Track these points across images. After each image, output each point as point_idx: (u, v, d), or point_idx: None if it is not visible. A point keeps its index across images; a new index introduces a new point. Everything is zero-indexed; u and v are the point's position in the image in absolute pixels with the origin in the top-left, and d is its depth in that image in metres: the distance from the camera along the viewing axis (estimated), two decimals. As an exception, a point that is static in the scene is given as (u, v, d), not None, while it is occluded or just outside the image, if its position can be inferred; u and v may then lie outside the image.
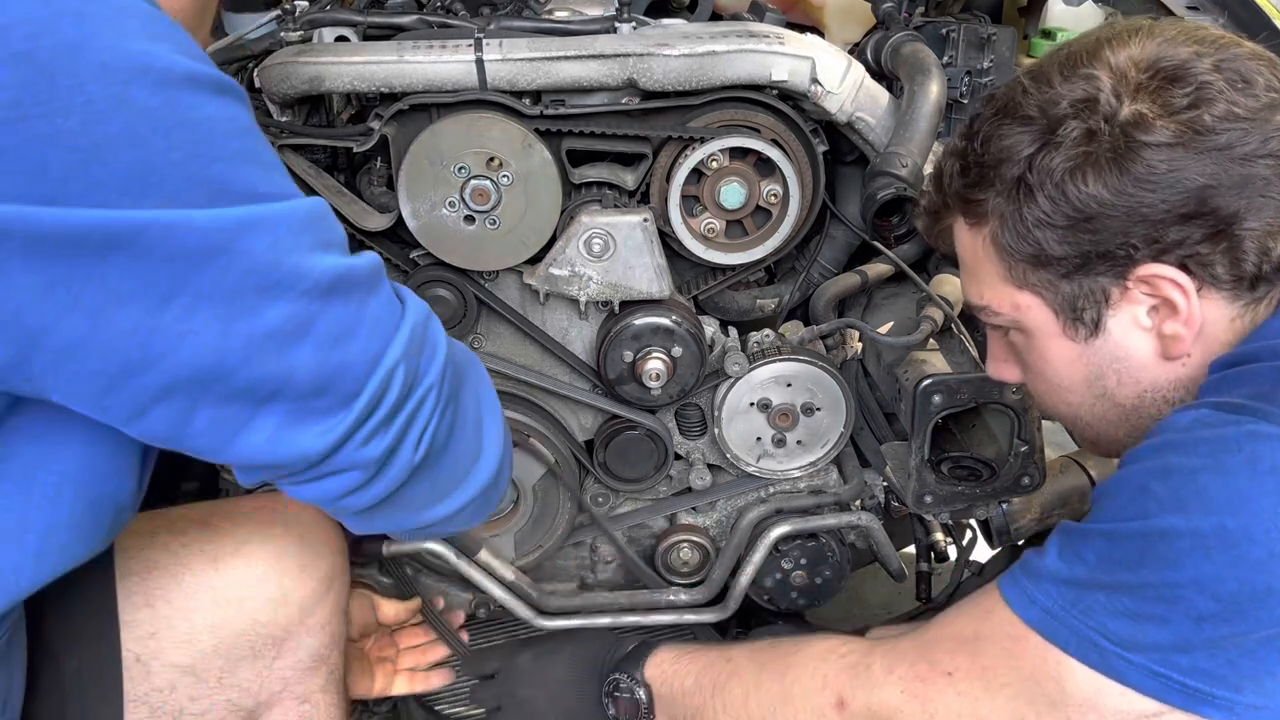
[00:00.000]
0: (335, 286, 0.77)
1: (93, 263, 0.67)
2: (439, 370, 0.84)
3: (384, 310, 0.81)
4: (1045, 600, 0.86)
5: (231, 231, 0.72)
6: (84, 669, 0.95)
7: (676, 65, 1.23)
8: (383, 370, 0.79)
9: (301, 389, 0.76)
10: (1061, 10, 1.52)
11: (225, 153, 0.73)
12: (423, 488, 0.87)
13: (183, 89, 0.70)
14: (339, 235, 0.82)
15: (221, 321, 0.72)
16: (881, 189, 1.19)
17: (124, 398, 0.72)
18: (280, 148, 1.27)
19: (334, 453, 0.79)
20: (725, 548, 1.49)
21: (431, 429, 0.84)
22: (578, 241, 1.29)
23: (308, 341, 0.76)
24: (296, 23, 1.30)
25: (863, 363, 1.47)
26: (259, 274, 0.73)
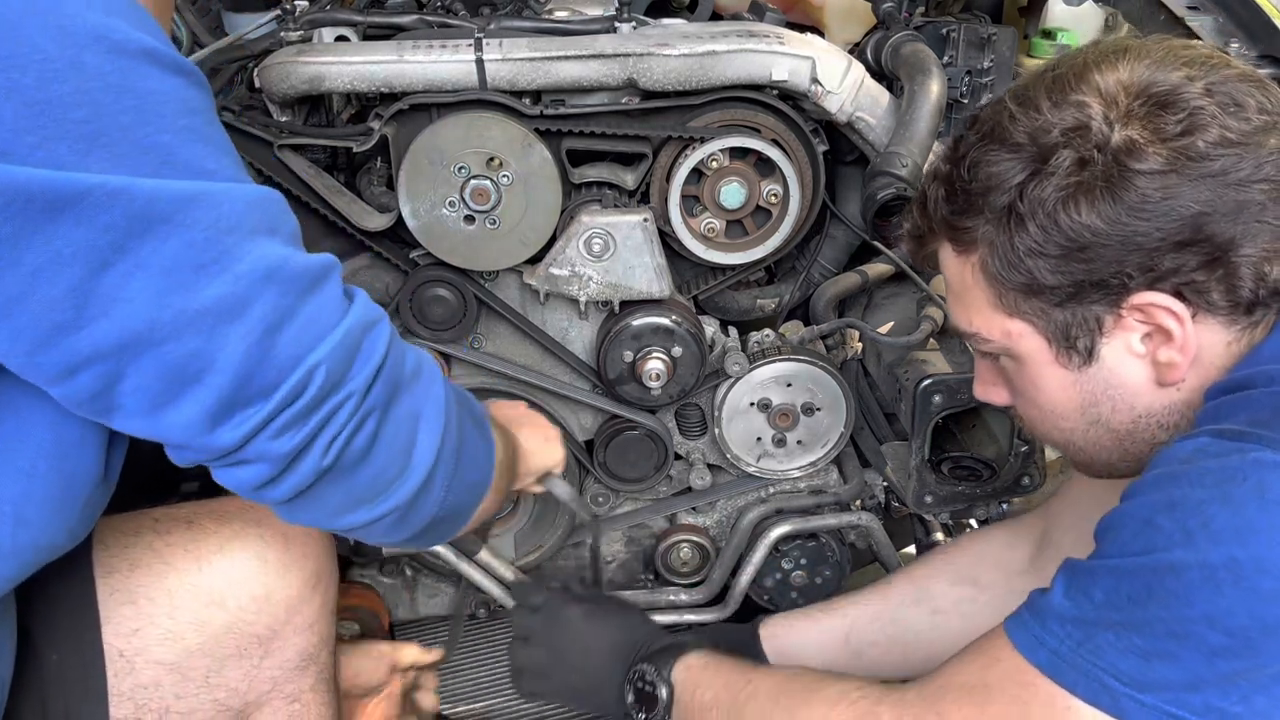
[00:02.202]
0: (273, 275, 0.77)
1: (37, 222, 0.69)
2: (365, 379, 0.83)
3: (323, 310, 0.81)
4: (1053, 641, 0.84)
5: (175, 202, 0.73)
6: (66, 663, 0.95)
7: (676, 65, 1.23)
8: (304, 367, 0.79)
9: (227, 372, 0.76)
10: (1061, 10, 1.52)
11: (174, 127, 0.74)
12: (336, 491, 0.86)
13: (137, 60, 0.73)
14: (289, 225, 0.82)
15: (156, 292, 0.73)
16: (882, 189, 1.19)
17: (54, 357, 0.73)
18: (280, 147, 1.27)
19: (246, 443, 0.79)
20: (725, 548, 1.49)
21: (345, 436, 0.83)
22: (578, 241, 1.29)
23: (238, 325, 0.76)
24: (296, 23, 1.30)
25: (863, 363, 1.47)
26: (198, 249, 0.74)
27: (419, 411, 0.90)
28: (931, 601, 1.25)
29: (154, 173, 0.72)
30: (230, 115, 1.26)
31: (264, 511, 1.06)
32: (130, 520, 1.02)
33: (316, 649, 1.09)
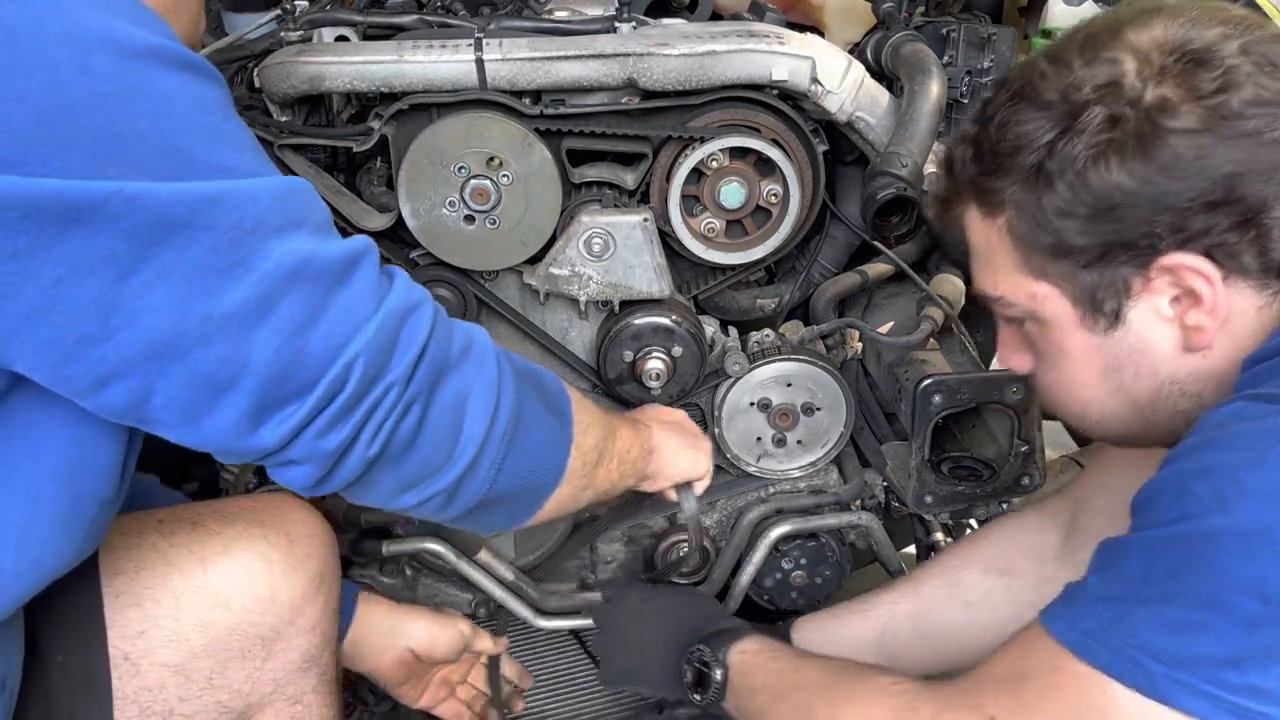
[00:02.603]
0: (300, 271, 0.76)
1: (54, 233, 0.67)
2: (406, 367, 0.82)
3: (356, 300, 0.80)
4: (1086, 623, 0.81)
5: (193, 205, 0.71)
6: (71, 666, 0.95)
7: (676, 65, 1.23)
8: (341, 362, 0.78)
9: (259, 375, 0.75)
10: (1062, 10, 1.52)
11: (190, 125, 0.73)
12: (386, 477, 0.86)
13: (146, 61, 0.71)
14: (317, 214, 0.80)
15: (181, 299, 0.72)
16: (882, 189, 1.19)
17: (82, 369, 0.72)
18: (280, 147, 1.27)
19: (290, 443, 0.79)
20: (725, 548, 1.49)
21: (389, 425, 0.82)
22: (578, 241, 1.28)
23: (266, 326, 0.75)
24: (296, 22, 1.30)
25: (863, 363, 1.47)
26: (221, 252, 0.72)
27: (467, 392, 0.88)
28: (964, 594, 1.24)
29: (172, 175, 0.71)
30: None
31: (268, 512, 1.06)
32: (134, 521, 1.02)
33: (319, 650, 1.09)
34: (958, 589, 1.24)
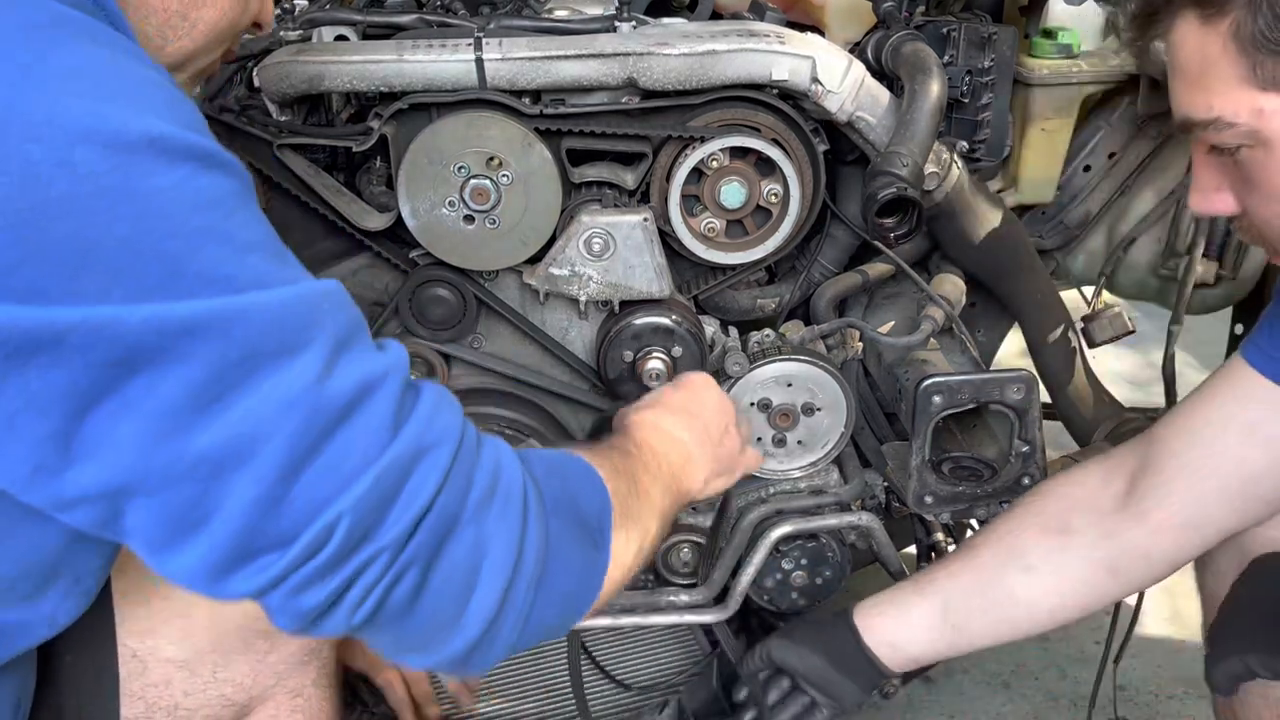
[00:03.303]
0: (294, 407, 0.65)
1: (8, 368, 0.60)
2: (402, 530, 0.69)
3: (355, 444, 0.68)
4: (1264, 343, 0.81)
5: (169, 334, 0.62)
6: (80, 664, 0.94)
7: (676, 64, 1.23)
8: (322, 521, 0.67)
9: (230, 524, 0.65)
10: (1062, 10, 1.52)
11: (184, 229, 0.63)
12: (378, 639, 0.76)
13: (140, 153, 0.62)
14: (332, 329, 0.69)
15: (147, 438, 0.63)
16: (882, 188, 1.19)
17: (41, 497, 0.66)
18: (279, 147, 1.27)
19: (263, 595, 0.69)
20: (725, 548, 1.49)
21: (377, 594, 0.70)
22: (578, 241, 1.28)
23: (246, 471, 0.64)
24: (296, 22, 1.30)
25: (863, 363, 1.47)
26: (198, 388, 0.63)
27: (483, 550, 0.74)
28: (1022, 558, 1.18)
29: (154, 291, 0.61)
30: (230, 115, 1.26)
31: None
32: None
33: (319, 643, 1.09)
34: (1015, 554, 1.18)
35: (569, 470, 0.86)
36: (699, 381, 1.16)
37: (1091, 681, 1.66)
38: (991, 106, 1.44)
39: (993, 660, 2.01)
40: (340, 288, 0.72)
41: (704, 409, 1.11)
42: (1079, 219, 1.61)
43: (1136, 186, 1.60)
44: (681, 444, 1.05)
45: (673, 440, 1.04)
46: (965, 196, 1.38)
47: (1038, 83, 1.48)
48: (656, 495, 0.96)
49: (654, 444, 1.01)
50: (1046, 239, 1.60)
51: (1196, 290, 1.58)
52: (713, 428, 1.11)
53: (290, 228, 1.34)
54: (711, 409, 1.12)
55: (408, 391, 0.73)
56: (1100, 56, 1.52)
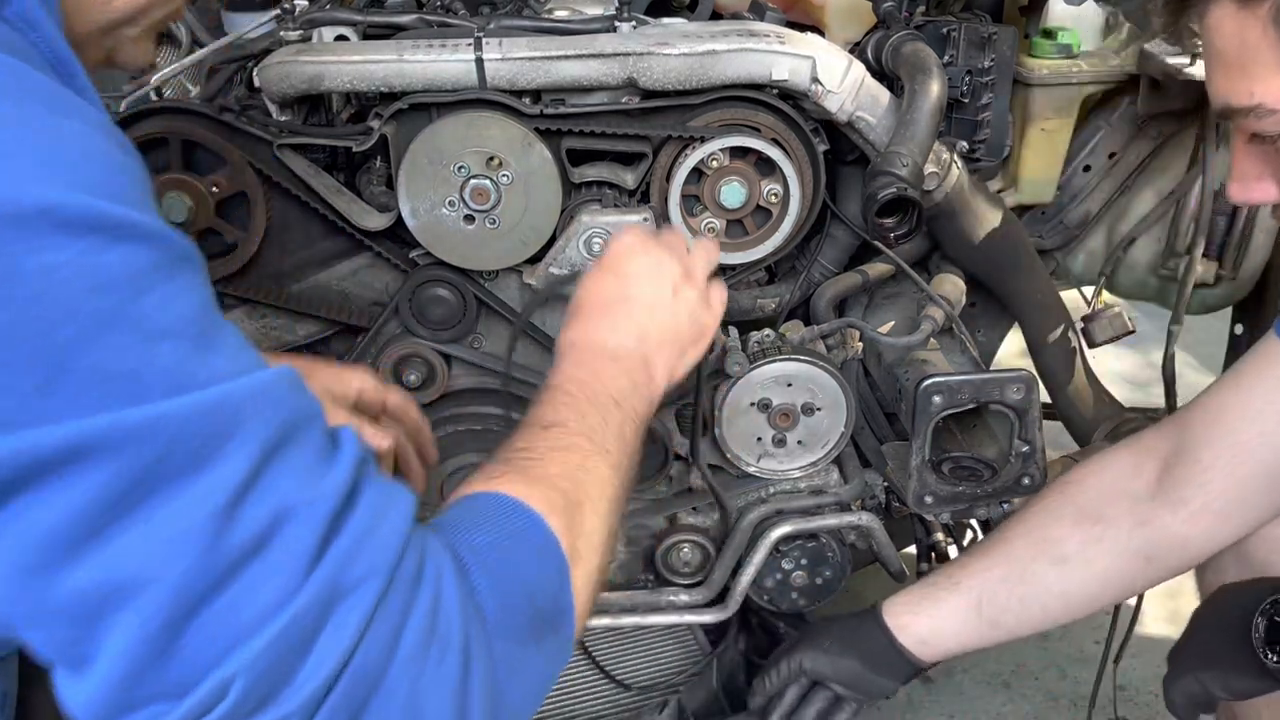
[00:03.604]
0: (187, 544, 0.55)
1: None
2: (314, 690, 0.57)
3: (257, 588, 0.56)
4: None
5: (48, 463, 0.52)
6: None
7: (676, 64, 1.23)
8: (216, 678, 0.56)
9: (113, 669, 0.55)
10: (1062, 10, 1.52)
11: (76, 316, 0.53)
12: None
13: (27, 227, 0.52)
14: (256, 438, 0.58)
15: (14, 570, 0.54)
16: (882, 188, 1.19)
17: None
18: (280, 147, 1.27)
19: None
20: (725, 548, 1.49)
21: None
22: (578, 241, 1.28)
23: (127, 614, 0.54)
24: (296, 22, 1.30)
25: (863, 363, 1.47)
26: (77, 519, 0.53)
27: (419, 709, 0.61)
28: (1056, 548, 1.16)
29: (30, 403, 0.52)
30: (230, 115, 1.26)
31: None
32: None
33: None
34: (1048, 545, 1.16)
35: (516, 552, 0.71)
36: (619, 254, 1.00)
37: (1091, 681, 1.66)
38: (991, 106, 1.44)
39: (993, 660, 2.02)
40: (284, 378, 0.62)
41: (637, 284, 0.97)
42: (1079, 219, 1.61)
43: (1136, 186, 1.60)
44: (623, 351, 0.92)
45: (611, 354, 0.92)
46: (965, 196, 1.38)
47: (1038, 83, 1.48)
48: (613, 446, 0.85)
49: (592, 376, 0.89)
50: (1046, 239, 1.60)
51: (1196, 290, 1.58)
52: (657, 299, 0.97)
53: (290, 228, 1.34)
54: (646, 278, 0.98)
55: (340, 513, 0.61)
56: (1100, 56, 1.52)
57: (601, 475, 0.82)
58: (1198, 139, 1.55)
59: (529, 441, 0.81)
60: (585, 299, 0.97)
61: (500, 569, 0.69)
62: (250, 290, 1.34)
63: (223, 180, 1.26)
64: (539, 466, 0.78)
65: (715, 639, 1.61)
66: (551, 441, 0.81)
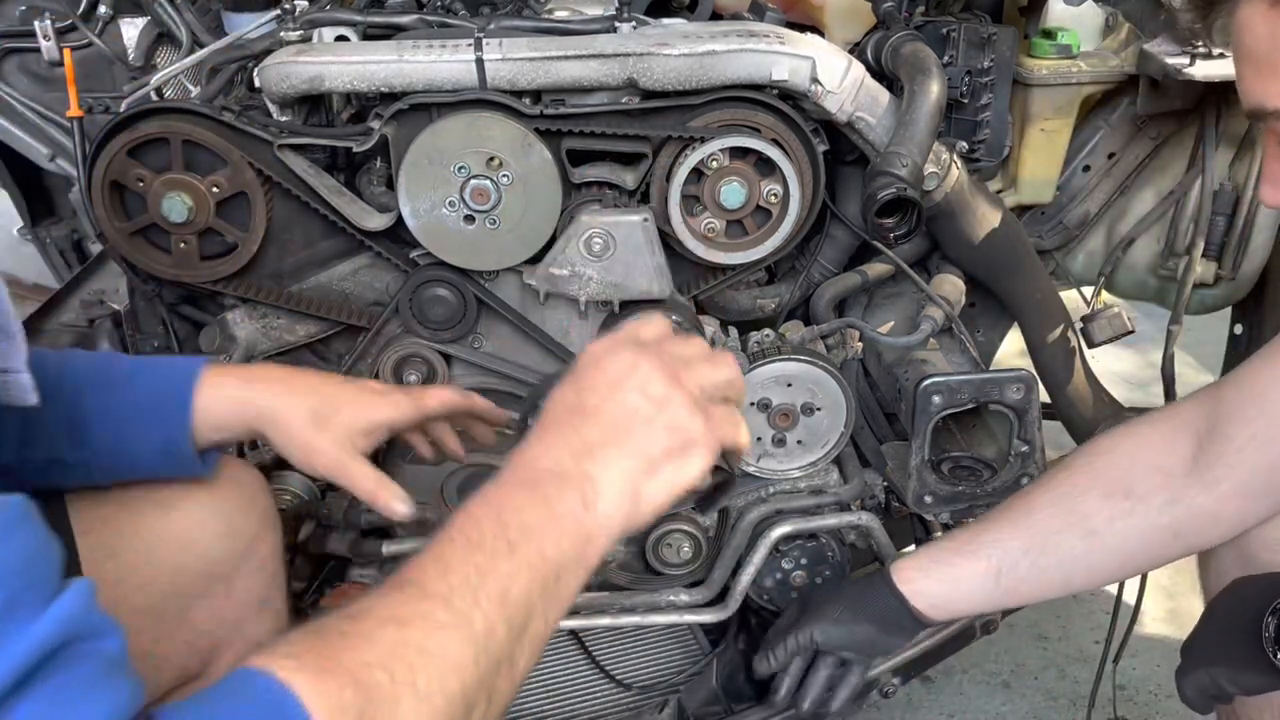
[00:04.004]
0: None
1: None
2: None
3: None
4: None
5: None
6: None
7: (676, 65, 1.23)
8: None
9: None
10: (1062, 10, 1.52)
11: None
12: None
13: None
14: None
15: None
16: (882, 189, 1.19)
17: None
18: (280, 147, 1.27)
19: None
20: (725, 548, 1.49)
21: None
22: (578, 241, 1.28)
23: None
24: (296, 22, 1.30)
25: (863, 363, 1.47)
26: None
27: None
28: (1084, 523, 1.13)
29: None
30: (230, 115, 1.26)
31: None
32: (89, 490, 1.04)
33: (269, 590, 1.14)
34: (1075, 517, 1.13)
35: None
36: (585, 360, 0.81)
37: (1091, 681, 1.66)
38: (991, 107, 1.44)
39: (992, 660, 2.02)
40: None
41: (597, 393, 0.78)
42: (1078, 219, 1.61)
43: (1136, 186, 1.60)
44: (550, 475, 0.74)
45: (531, 480, 0.74)
46: (965, 197, 1.38)
47: (1037, 83, 1.48)
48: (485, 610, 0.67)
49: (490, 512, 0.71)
50: (1046, 239, 1.60)
51: (1196, 290, 1.58)
52: (621, 409, 0.77)
53: (291, 228, 1.34)
54: (611, 386, 0.78)
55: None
56: (1100, 57, 1.52)
57: (448, 657, 0.64)
58: (1197, 139, 1.55)
59: (368, 605, 0.66)
60: (542, 416, 0.79)
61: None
62: (250, 290, 1.34)
63: (223, 180, 1.26)
64: (350, 647, 0.63)
65: (715, 639, 1.62)
66: (393, 608, 0.66)
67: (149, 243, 1.30)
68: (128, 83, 1.39)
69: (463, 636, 0.65)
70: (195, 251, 1.29)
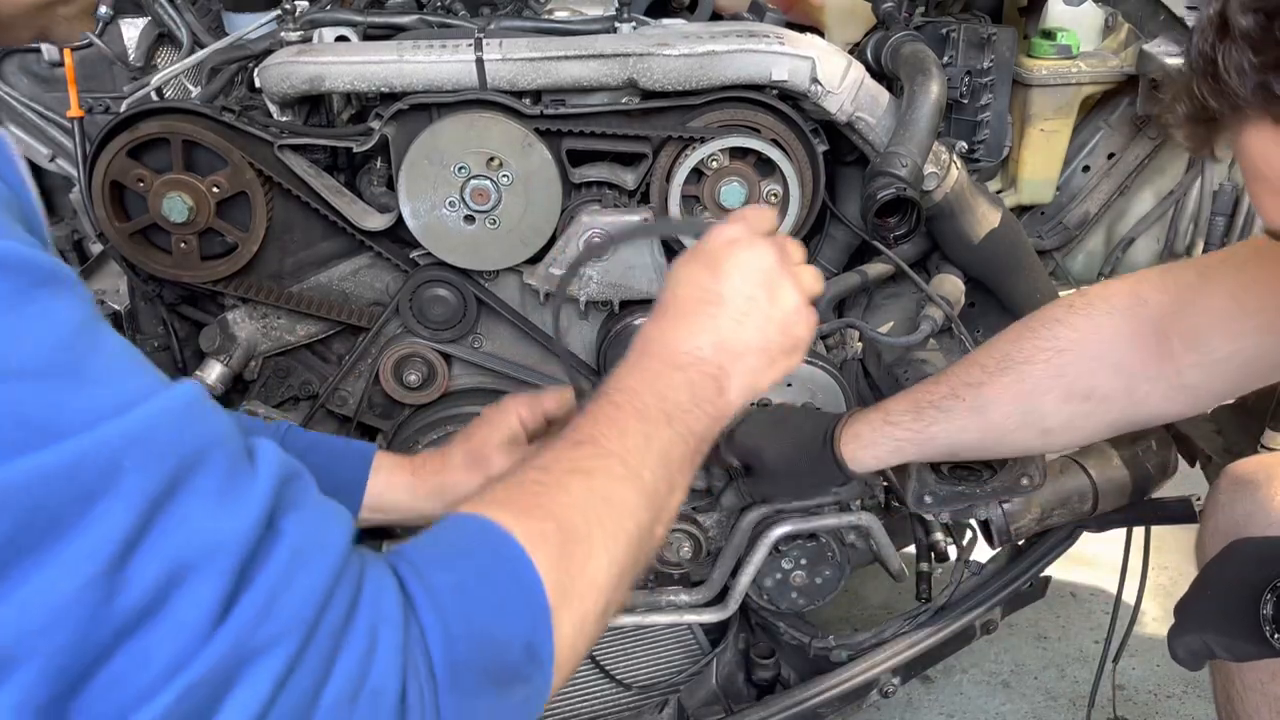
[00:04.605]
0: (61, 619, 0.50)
1: None
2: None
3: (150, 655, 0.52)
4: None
5: None
6: None
7: (676, 65, 1.23)
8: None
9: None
10: (1061, 10, 1.52)
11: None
12: None
13: None
14: (145, 481, 0.52)
15: None
16: (882, 189, 1.19)
17: None
18: (280, 147, 1.27)
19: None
20: (725, 548, 1.49)
21: None
22: (578, 241, 1.29)
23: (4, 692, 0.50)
24: (296, 23, 1.30)
25: (863, 363, 1.47)
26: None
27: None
28: (1041, 422, 1.12)
29: None
30: (230, 115, 1.26)
31: None
32: None
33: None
34: (1034, 417, 1.12)
35: (484, 594, 0.64)
36: (721, 245, 0.86)
37: (1091, 681, 1.66)
38: (991, 107, 1.44)
39: (992, 660, 2.02)
40: (179, 403, 0.55)
41: (731, 282, 0.85)
42: (1078, 219, 1.61)
43: (1135, 187, 1.61)
44: (693, 359, 0.82)
45: (678, 361, 0.82)
46: (964, 197, 1.38)
47: (1037, 83, 1.48)
48: (652, 469, 0.76)
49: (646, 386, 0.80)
50: (1046, 239, 1.60)
51: (1196, 290, 1.58)
52: (751, 303, 0.85)
53: (291, 228, 1.34)
54: (745, 276, 0.85)
55: (250, 561, 0.55)
56: (1099, 57, 1.52)
57: (627, 505, 0.73)
58: (1197, 139, 1.55)
59: (552, 459, 0.74)
60: (673, 292, 0.86)
61: (459, 613, 0.62)
62: (251, 290, 1.34)
63: (223, 180, 1.26)
64: (546, 493, 0.70)
65: (715, 639, 1.62)
66: (576, 462, 0.73)
67: (149, 243, 1.30)
68: (128, 83, 1.39)
69: (636, 488, 0.74)
70: (195, 251, 1.29)
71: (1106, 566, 1.99)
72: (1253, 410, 1.48)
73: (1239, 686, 1.14)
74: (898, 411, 1.19)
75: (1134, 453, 1.41)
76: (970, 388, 1.15)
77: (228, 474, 0.56)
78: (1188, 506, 1.42)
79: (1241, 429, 1.50)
